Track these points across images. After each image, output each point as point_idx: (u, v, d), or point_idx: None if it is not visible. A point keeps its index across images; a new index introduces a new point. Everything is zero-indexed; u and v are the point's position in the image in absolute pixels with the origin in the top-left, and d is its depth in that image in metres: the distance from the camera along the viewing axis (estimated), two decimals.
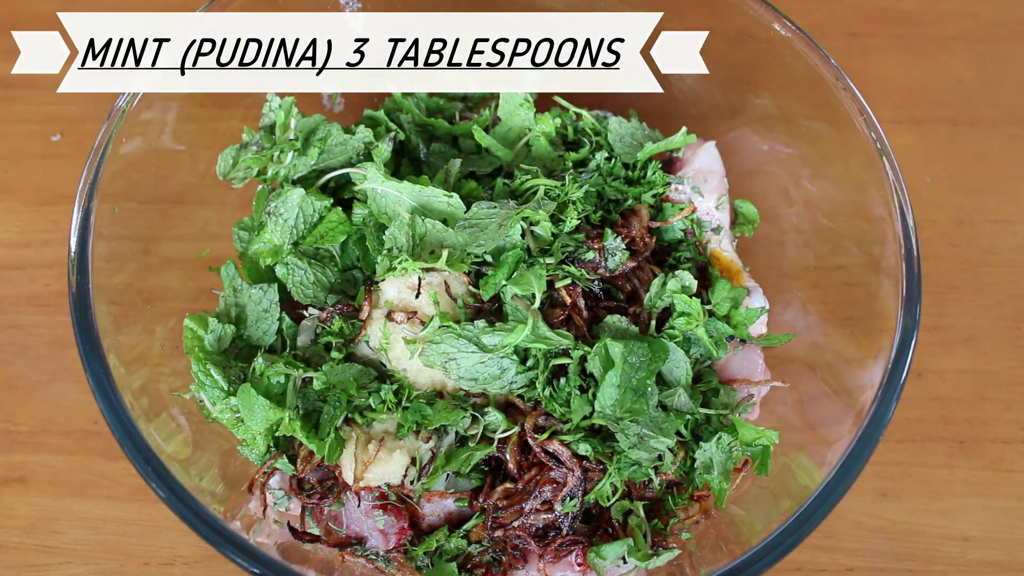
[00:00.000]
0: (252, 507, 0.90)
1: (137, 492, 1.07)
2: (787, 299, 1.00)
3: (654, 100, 1.07)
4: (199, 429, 0.91)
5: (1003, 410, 1.12)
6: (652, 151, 0.96)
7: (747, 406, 0.92)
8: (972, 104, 1.26)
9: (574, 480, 0.85)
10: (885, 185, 0.91)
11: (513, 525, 0.86)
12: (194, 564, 1.04)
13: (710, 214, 0.97)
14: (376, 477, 0.85)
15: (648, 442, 0.84)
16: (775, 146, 1.04)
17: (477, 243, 0.85)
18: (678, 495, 0.91)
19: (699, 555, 0.88)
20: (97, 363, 0.82)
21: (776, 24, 0.96)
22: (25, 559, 1.04)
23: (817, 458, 0.87)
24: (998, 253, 1.19)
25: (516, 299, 0.85)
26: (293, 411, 0.86)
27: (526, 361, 0.86)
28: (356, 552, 0.89)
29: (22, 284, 1.15)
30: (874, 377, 0.86)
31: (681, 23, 1.04)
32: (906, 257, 0.88)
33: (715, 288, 0.94)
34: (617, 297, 0.93)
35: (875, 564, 1.06)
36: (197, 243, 1.01)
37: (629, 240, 0.91)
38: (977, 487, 1.09)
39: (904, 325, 0.86)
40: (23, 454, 1.08)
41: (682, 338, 0.90)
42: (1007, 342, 1.15)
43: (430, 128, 1.01)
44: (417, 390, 0.88)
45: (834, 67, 0.94)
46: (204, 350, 0.88)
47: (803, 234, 1.02)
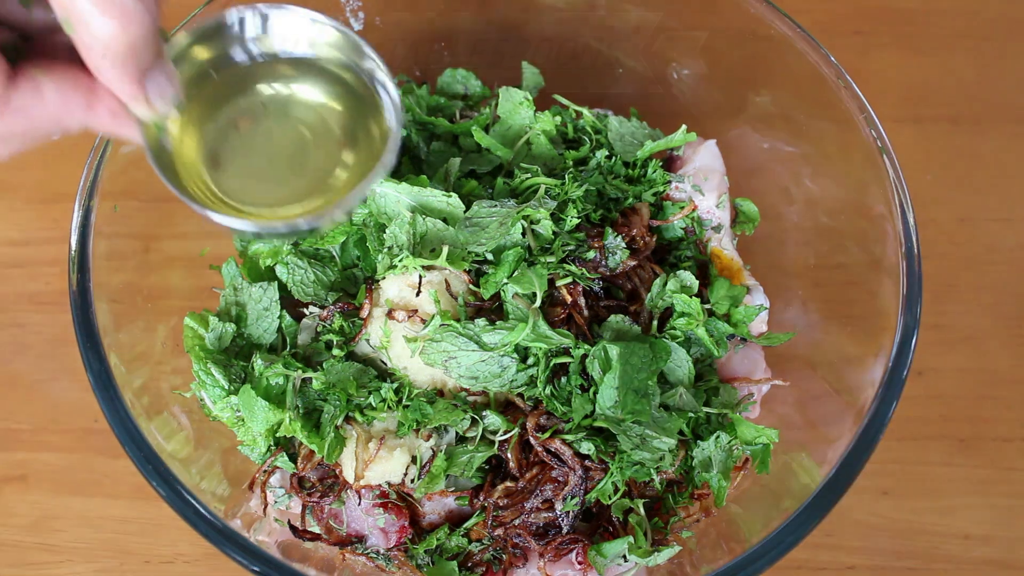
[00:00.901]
0: (253, 505, 0.90)
1: (138, 490, 1.07)
2: (788, 297, 1.00)
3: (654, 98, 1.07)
4: (200, 427, 0.91)
5: (1004, 408, 1.12)
6: (652, 149, 0.96)
7: (747, 404, 0.92)
8: (973, 102, 1.26)
9: (575, 479, 0.85)
10: (886, 183, 0.91)
11: (514, 523, 0.86)
12: (195, 562, 1.05)
13: (711, 212, 0.97)
14: (377, 475, 0.85)
15: (651, 442, 0.84)
16: (776, 144, 1.04)
17: (478, 242, 0.85)
18: (678, 493, 0.91)
19: (699, 553, 0.88)
20: (98, 361, 0.82)
21: (777, 22, 0.96)
22: (26, 557, 1.04)
23: (817, 456, 0.87)
24: (999, 251, 1.19)
25: (517, 298, 0.85)
26: (293, 411, 0.86)
27: (527, 360, 0.86)
28: (357, 550, 0.89)
29: (23, 282, 1.15)
30: (875, 375, 0.86)
31: (681, 22, 1.04)
32: (907, 255, 0.88)
33: (714, 287, 0.94)
34: (617, 296, 0.93)
35: (876, 562, 1.06)
36: (198, 241, 1.01)
37: (629, 239, 0.91)
38: (978, 485, 1.09)
39: (905, 323, 0.86)
40: (24, 452, 1.08)
41: (683, 338, 0.90)
42: (1008, 340, 1.15)
43: (430, 127, 1.01)
44: (417, 388, 0.88)
45: (835, 65, 0.94)
46: (205, 349, 0.88)
47: (804, 232, 1.02)
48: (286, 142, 0.70)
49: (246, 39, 0.68)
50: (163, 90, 0.57)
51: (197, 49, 0.66)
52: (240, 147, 0.69)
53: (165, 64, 0.57)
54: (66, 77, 0.56)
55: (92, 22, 0.50)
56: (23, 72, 0.55)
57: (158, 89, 0.57)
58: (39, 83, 0.55)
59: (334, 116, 0.71)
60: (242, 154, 0.69)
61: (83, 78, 0.56)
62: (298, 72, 0.71)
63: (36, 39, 0.59)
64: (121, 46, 0.52)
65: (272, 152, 0.70)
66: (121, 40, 0.51)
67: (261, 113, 0.70)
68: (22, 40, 0.59)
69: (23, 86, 0.55)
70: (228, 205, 0.68)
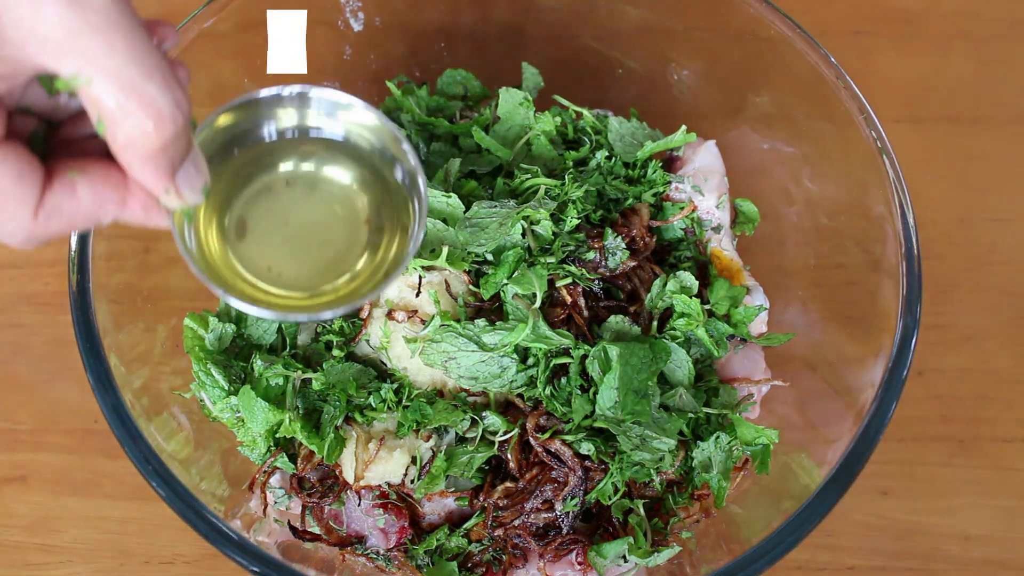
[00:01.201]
0: (253, 506, 0.90)
1: (138, 491, 1.07)
2: (788, 298, 1.00)
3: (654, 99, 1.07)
4: (200, 428, 0.91)
5: (1004, 409, 1.12)
6: (652, 150, 0.96)
7: (747, 405, 0.92)
8: (973, 103, 1.26)
9: (575, 480, 0.85)
10: (886, 184, 0.91)
11: (513, 524, 0.86)
12: (194, 563, 1.04)
13: (710, 213, 0.97)
14: (376, 476, 0.85)
15: (651, 443, 0.84)
16: (775, 145, 1.04)
17: (478, 242, 0.85)
18: (678, 494, 0.91)
19: (699, 554, 0.88)
20: (98, 362, 0.82)
21: (776, 23, 0.96)
22: (25, 558, 1.04)
23: (817, 457, 0.87)
24: (999, 252, 1.19)
25: (517, 298, 0.85)
26: (293, 412, 0.86)
27: (526, 360, 0.86)
28: (356, 551, 0.89)
29: (22, 283, 1.15)
30: (875, 376, 0.86)
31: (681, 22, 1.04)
32: (907, 256, 0.88)
33: (714, 287, 0.94)
34: (617, 296, 0.93)
35: (875, 563, 1.06)
36: None
37: (629, 239, 0.91)
38: (978, 486, 1.09)
39: (905, 324, 0.86)
40: (24, 453, 1.08)
41: (683, 338, 0.90)
42: (1008, 341, 1.15)
43: (430, 127, 1.01)
44: (417, 389, 0.88)
45: (834, 66, 0.94)
46: (204, 349, 0.88)
47: (803, 233, 1.02)
48: (308, 222, 0.70)
49: (275, 117, 0.67)
50: (194, 183, 0.57)
51: (222, 128, 0.65)
52: (260, 225, 0.69)
53: (196, 156, 0.57)
54: (98, 174, 0.55)
55: (126, 122, 0.50)
56: (57, 173, 0.55)
57: (189, 182, 0.56)
58: (73, 182, 0.55)
59: (359, 199, 0.71)
60: (262, 232, 0.69)
61: (115, 173, 0.56)
62: (325, 151, 0.70)
63: (61, 125, 0.59)
64: (155, 145, 0.52)
65: (293, 232, 0.69)
66: (155, 140, 0.51)
67: (283, 190, 0.69)
68: (47, 128, 0.59)
69: (57, 187, 0.54)
70: (248, 283, 0.67)
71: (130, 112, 0.50)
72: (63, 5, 0.47)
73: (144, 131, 0.51)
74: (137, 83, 0.49)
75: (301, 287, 0.69)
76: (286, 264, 0.69)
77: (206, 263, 0.66)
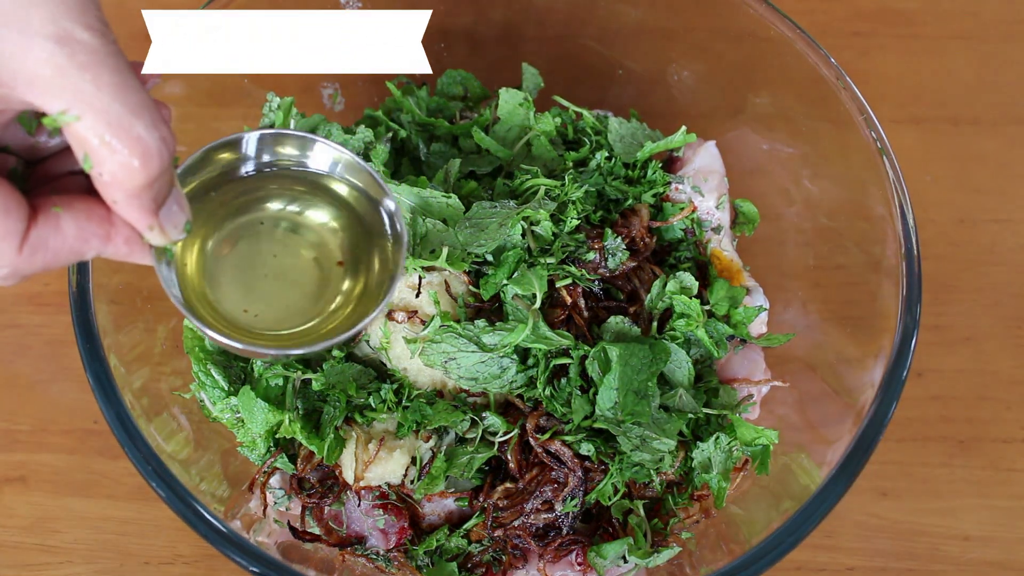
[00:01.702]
0: (252, 506, 0.90)
1: (137, 491, 1.07)
2: (787, 298, 1.00)
3: (654, 99, 1.07)
4: (199, 428, 0.91)
5: (1003, 409, 1.12)
6: (652, 150, 0.96)
7: (747, 406, 0.92)
8: (973, 103, 1.26)
9: (575, 480, 0.85)
10: (885, 184, 0.91)
11: (513, 525, 0.86)
12: (194, 563, 1.04)
13: (710, 213, 0.97)
14: (376, 476, 0.85)
15: (651, 444, 0.84)
16: (775, 145, 1.04)
17: (477, 243, 0.85)
18: (678, 495, 0.91)
19: (699, 554, 0.88)
20: (97, 362, 0.82)
21: (776, 23, 0.96)
22: (25, 558, 1.04)
23: (817, 457, 0.87)
24: (999, 252, 1.19)
25: (517, 299, 0.85)
26: (293, 413, 0.86)
27: (526, 361, 0.86)
28: (356, 551, 0.89)
29: (22, 283, 1.15)
30: (874, 376, 0.86)
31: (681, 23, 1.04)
32: (906, 256, 0.88)
33: (714, 288, 0.94)
34: (617, 297, 0.93)
35: (875, 563, 1.06)
36: None
37: (629, 240, 0.91)
38: (977, 486, 1.09)
39: (904, 324, 0.86)
40: (23, 453, 1.08)
41: (683, 339, 0.90)
42: (1008, 341, 1.15)
43: (430, 128, 1.01)
44: (417, 389, 0.88)
45: (834, 67, 0.94)
46: (204, 350, 0.88)
47: (803, 233, 1.02)
48: (281, 266, 0.71)
49: (255, 158, 0.68)
50: (176, 220, 0.58)
51: (202, 167, 0.66)
52: (236, 264, 0.70)
53: (178, 194, 0.57)
54: (82, 209, 0.56)
55: (113, 159, 0.51)
56: (41, 208, 0.55)
57: (172, 219, 0.57)
58: (58, 217, 0.55)
59: (333, 240, 0.72)
60: (236, 276, 0.70)
61: (98, 209, 0.56)
62: (303, 191, 0.71)
63: (40, 163, 0.59)
64: (140, 182, 0.52)
65: (266, 274, 0.71)
66: (141, 177, 0.52)
67: (260, 231, 0.70)
68: (25, 166, 0.59)
69: (42, 222, 0.55)
70: (224, 319, 0.69)
71: (117, 149, 0.50)
72: (53, 42, 0.48)
73: (131, 168, 0.51)
74: (125, 121, 0.50)
75: (276, 328, 0.71)
76: (260, 307, 0.70)
77: (185, 296, 0.67)
